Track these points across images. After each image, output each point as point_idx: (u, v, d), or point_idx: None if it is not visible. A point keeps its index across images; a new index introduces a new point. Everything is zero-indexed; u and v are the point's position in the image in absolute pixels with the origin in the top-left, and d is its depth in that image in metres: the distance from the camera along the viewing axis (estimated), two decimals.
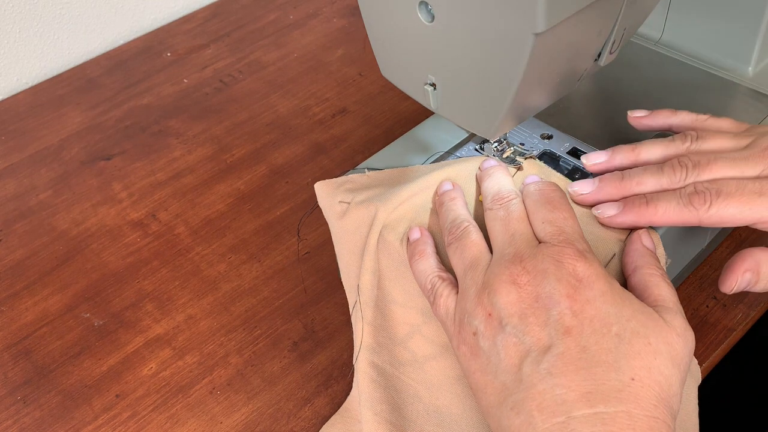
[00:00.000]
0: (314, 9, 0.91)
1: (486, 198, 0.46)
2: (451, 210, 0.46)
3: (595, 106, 0.59)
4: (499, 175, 0.48)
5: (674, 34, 0.63)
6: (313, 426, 0.51)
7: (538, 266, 0.39)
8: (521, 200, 0.45)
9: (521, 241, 0.41)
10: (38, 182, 0.72)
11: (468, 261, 0.42)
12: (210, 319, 0.58)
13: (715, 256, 0.58)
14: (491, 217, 0.44)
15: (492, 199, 0.45)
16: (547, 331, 0.37)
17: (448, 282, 0.44)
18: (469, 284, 0.41)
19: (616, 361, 0.36)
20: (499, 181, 0.47)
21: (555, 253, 0.40)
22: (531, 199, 0.44)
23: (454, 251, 0.44)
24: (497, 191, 0.46)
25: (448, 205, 0.47)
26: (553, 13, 0.38)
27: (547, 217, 0.42)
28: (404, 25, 0.45)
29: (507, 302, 0.39)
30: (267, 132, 0.75)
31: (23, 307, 0.61)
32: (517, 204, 0.44)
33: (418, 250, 0.46)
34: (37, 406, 0.54)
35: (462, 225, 0.45)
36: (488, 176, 0.48)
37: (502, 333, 0.38)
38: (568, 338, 0.37)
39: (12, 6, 0.82)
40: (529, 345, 0.37)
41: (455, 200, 0.47)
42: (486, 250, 0.43)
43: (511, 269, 0.40)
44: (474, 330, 0.40)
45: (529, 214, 0.43)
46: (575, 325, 0.37)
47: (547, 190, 0.45)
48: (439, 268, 0.45)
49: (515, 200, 0.45)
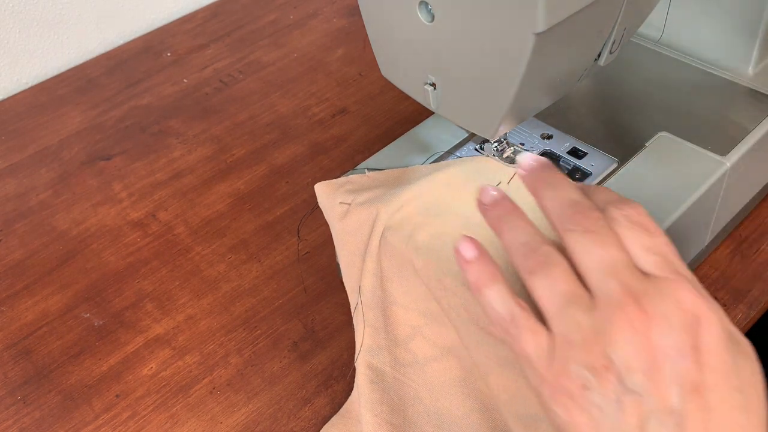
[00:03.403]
0: (314, 9, 0.91)
1: (557, 215, 0.38)
2: (518, 228, 0.39)
3: (595, 106, 0.59)
4: (565, 185, 0.40)
5: (674, 34, 0.63)
6: (313, 426, 0.51)
7: (658, 308, 0.34)
8: (606, 219, 0.38)
9: (626, 272, 0.35)
10: (38, 182, 0.72)
11: (562, 297, 0.36)
12: (210, 319, 0.58)
13: (715, 256, 0.58)
14: (576, 241, 0.37)
15: (571, 219, 0.38)
16: (674, 390, 0.33)
17: (532, 316, 0.37)
18: (572, 328, 0.35)
19: (742, 424, 0.33)
20: (569, 193, 0.39)
21: (673, 291, 0.34)
22: (619, 224, 0.37)
23: (540, 283, 0.37)
24: (574, 207, 0.38)
25: (512, 222, 0.40)
26: (553, 13, 0.38)
27: (646, 243, 0.36)
28: (404, 25, 0.45)
29: (627, 355, 0.33)
30: (267, 132, 0.75)
31: (23, 307, 0.61)
32: (607, 224, 0.37)
33: (484, 272, 0.39)
34: (37, 406, 0.54)
35: (541, 249, 0.38)
36: (549, 186, 0.40)
37: (622, 389, 0.34)
38: (696, 397, 0.33)
39: (12, 6, 0.82)
40: (653, 405, 0.33)
41: (516, 213, 0.40)
42: (581, 285, 0.36)
43: (627, 312, 0.34)
44: (584, 382, 0.34)
45: (623, 239, 0.37)
46: (701, 381, 0.33)
47: (635, 213, 0.38)
48: (516, 297, 0.38)
49: (603, 219, 0.37)
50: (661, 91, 0.59)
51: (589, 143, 0.54)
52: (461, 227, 0.48)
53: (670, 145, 0.54)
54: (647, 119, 0.57)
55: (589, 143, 0.54)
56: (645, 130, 0.55)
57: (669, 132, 0.54)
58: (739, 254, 0.58)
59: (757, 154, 0.55)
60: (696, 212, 0.51)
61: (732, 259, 0.57)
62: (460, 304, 0.45)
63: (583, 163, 0.53)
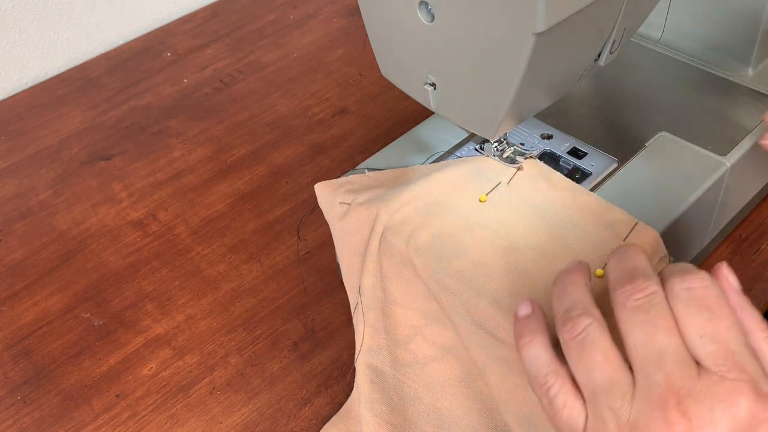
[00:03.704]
0: (314, 9, 0.91)
1: (613, 285, 0.35)
2: (567, 293, 0.36)
3: (595, 106, 0.59)
4: (632, 255, 0.36)
5: (674, 34, 0.63)
6: (313, 426, 0.51)
7: (704, 415, 0.30)
8: (664, 295, 0.34)
9: (674, 363, 0.31)
10: (38, 182, 0.72)
11: (599, 383, 0.33)
12: (210, 319, 0.58)
13: (715, 256, 0.58)
14: (624, 319, 0.33)
15: (623, 291, 0.34)
16: None
17: (567, 383, 0.35)
18: (607, 416, 0.32)
19: None
20: (631, 262, 0.35)
21: (725, 394, 0.30)
22: (678, 300, 0.33)
23: (577, 361, 0.34)
24: (629, 277, 0.34)
25: (564, 286, 0.37)
26: (553, 13, 0.38)
27: (705, 329, 0.32)
28: (404, 25, 0.45)
29: None
30: (267, 132, 0.75)
31: (23, 307, 0.61)
32: (661, 301, 0.33)
33: (529, 330, 0.37)
34: (37, 406, 0.54)
35: (582, 322, 0.34)
36: (617, 256, 0.37)
37: None
38: None
39: (12, 6, 0.82)
40: None
41: (573, 278, 0.37)
42: (621, 366, 0.33)
43: (667, 414, 0.31)
44: None
45: (678, 319, 0.33)
46: None
47: (699, 288, 0.33)
48: (554, 359, 0.36)
49: (657, 294, 0.33)
50: (661, 91, 0.59)
51: (589, 143, 0.54)
52: (461, 227, 0.48)
53: (670, 145, 0.54)
54: (647, 119, 0.57)
55: (589, 143, 0.54)
56: (645, 130, 0.55)
57: (669, 132, 0.54)
58: (739, 254, 0.58)
59: (757, 154, 0.55)
60: (696, 212, 0.51)
61: (732, 259, 0.57)
62: (460, 304, 0.45)
63: (583, 163, 0.53)
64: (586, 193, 0.49)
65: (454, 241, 0.47)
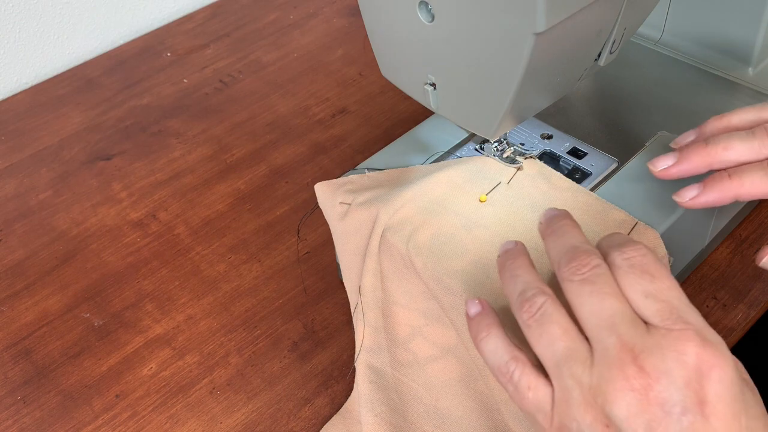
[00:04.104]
0: (314, 9, 0.91)
1: (556, 263, 0.37)
2: (517, 276, 0.38)
3: (595, 106, 0.59)
4: (569, 231, 0.38)
5: (674, 34, 0.63)
6: (313, 426, 0.51)
7: (658, 365, 0.32)
8: (607, 267, 0.36)
9: (624, 324, 0.34)
10: (38, 182, 0.72)
11: (560, 354, 0.35)
12: (210, 319, 0.58)
13: (715, 256, 0.58)
14: (573, 292, 0.36)
15: (569, 267, 0.36)
16: None
17: (528, 366, 0.37)
18: (570, 384, 0.34)
19: None
20: (571, 239, 0.38)
21: (674, 344, 0.33)
22: (619, 269, 0.36)
23: (537, 338, 0.36)
24: (572, 254, 0.37)
25: (512, 270, 0.39)
26: (553, 13, 0.38)
27: (648, 289, 0.35)
28: (404, 25, 0.45)
29: (627, 414, 0.32)
30: (267, 132, 0.75)
31: (23, 307, 0.61)
32: (605, 272, 0.36)
33: (485, 326, 0.39)
34: (37, 406, 0.54)
35: (538, 301, 0.36)
36: (554, 234, 0.39)
37: None
38: None
39: (12, 6, 0.82)
40: None
41: (518, 261, 0.39)
42: (578, 336, 0.35)
43: (626, 371, 0.33)
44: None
45: (622, 286, 0.35)
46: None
47: (638, 256, 0.36)
48: (511, 347, 0.38)
49: (600, 266, 0.36)
50: (661, 91, 0.59)
51: (589, 143, 0.54)
52: (461, 227, 0.48)
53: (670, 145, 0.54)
54: (647, 119, 0.57)
55: (589, 143, 0.54)
56: (645, 130, 0.55)
57: (669, 132, 0.54)
58: (739, 254, 0.58)
59: None
60: (696, 212, 0.51)
61: (732, 259, 0.57)
62: (460, 303, 0.45)
63: (583, 163, 0.53)
64: (586, 193, 0.49)
65: (454, 241, 0.47)
